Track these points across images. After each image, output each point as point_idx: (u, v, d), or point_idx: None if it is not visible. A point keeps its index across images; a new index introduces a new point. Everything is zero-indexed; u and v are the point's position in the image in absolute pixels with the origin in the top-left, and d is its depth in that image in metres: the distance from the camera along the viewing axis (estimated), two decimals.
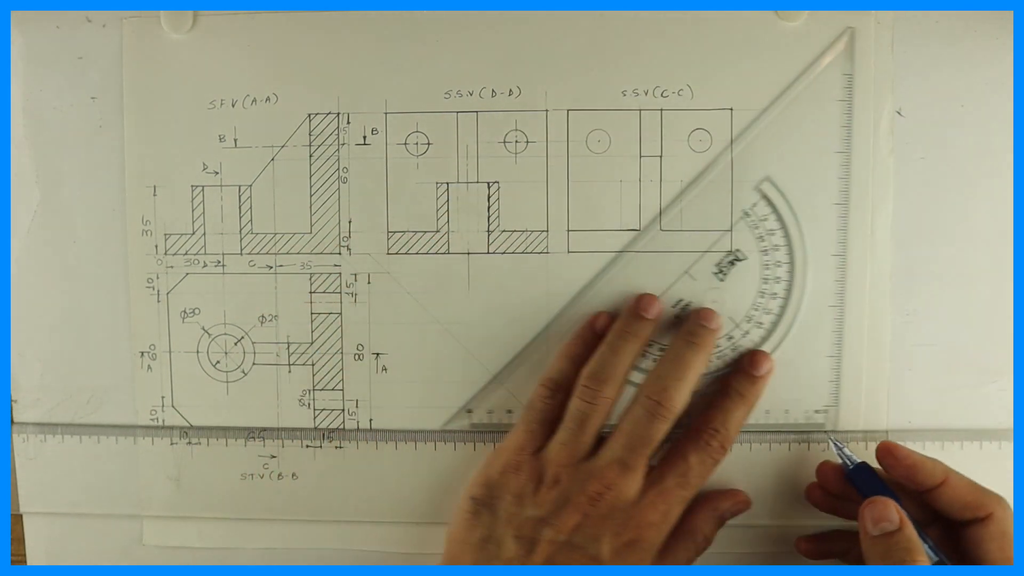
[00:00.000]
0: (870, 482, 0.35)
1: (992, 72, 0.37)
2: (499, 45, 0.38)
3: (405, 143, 0.38)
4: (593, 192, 0.38)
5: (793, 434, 0.38)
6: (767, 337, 0.38)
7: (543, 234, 0.38)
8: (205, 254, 0.39)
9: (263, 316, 0.39)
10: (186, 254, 0.39)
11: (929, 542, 0.33)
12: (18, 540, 0.41)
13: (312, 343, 0.39)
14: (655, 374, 0.36)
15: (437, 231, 0.39)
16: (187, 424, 0.40)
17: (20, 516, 0.41)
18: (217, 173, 0.39)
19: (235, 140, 0.39)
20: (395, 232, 0.39)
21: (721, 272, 0.38)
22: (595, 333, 0.37)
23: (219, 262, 0.39)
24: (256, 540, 0.41)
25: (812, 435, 0.38)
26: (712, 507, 0.37)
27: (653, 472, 0.35)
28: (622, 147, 0.38)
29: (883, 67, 0.37)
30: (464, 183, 0.38)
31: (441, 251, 0.39)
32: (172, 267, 0.39)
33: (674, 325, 0.38)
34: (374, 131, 0.38)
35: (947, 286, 0.38)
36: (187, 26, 0.38)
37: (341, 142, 0.39)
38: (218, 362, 0.40)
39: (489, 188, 0.38)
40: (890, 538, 0.32)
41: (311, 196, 0.39)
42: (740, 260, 0.38)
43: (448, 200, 0.38)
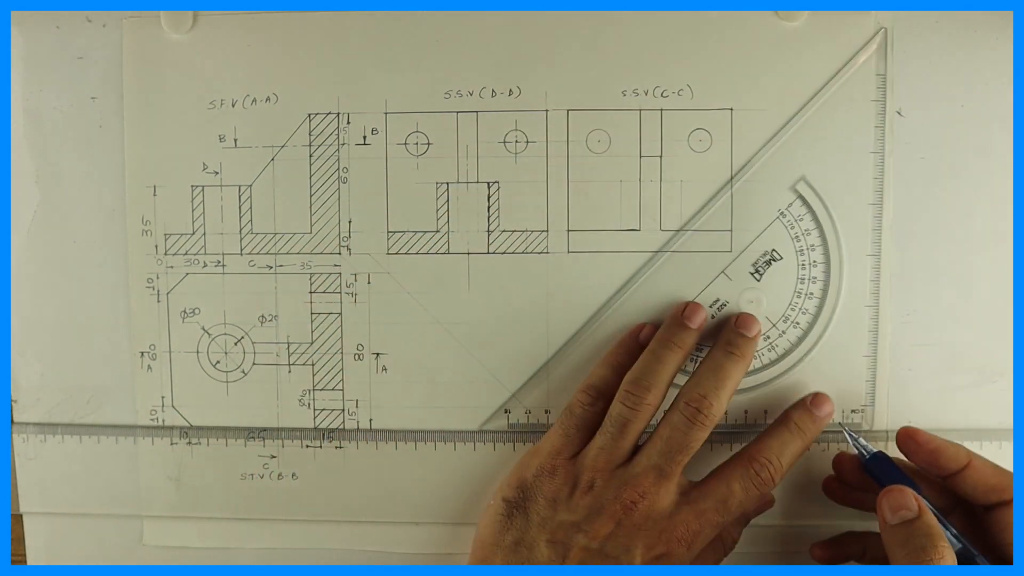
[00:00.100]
0: (888, 471, 0.34)
1: (992, 72, 0.37)
2: (499, 45, 0.38)
3: (405, 143, 0.38)
4: (593, 192, 0.38)
5: None
6: (803, 337, 0.38)
7: (543, 234, 0.38)
8: (205, 254, 0.39)
9: (263, 316, 0.39)
10: (186, 254, 0.39)
11: (952, 529, 0.33)
12: (18, 540, 0.41)
13: (312, 343, 0.39)
14: (694, 381, 0.35)
15: (437, 231, 0.39)
16: (187, 424, 0.40)
17: (20, 516, 0.41)
18: (217, 173, 0.39)
19: (235, 140, 0.39)
20: (395, 232, 0.39)
21: (757, 272, 0.38)
22: (638, 343, 0.37)
23: (219, 262, 0.39)
24: (256, 540, 0.41)
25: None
26: (743, 513, 0.36)
27: (693, 490, 0.35)
28: (622, 147, 0.38)
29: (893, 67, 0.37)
30: (464, 183, 0.38)
31: (441, 251, 0.39)
32: (172, 267, 0.39)
33: (712, 329, 0.38)
34: (374, 131, 0.38)
35: (947, 286, 0.38)
36: (187, 26, 0.38)
37: (341, 142, 0.39)
38: (218, 362, 0.40)
39: (489, 188, 0.38)
40: (909, 526, 0.31)
41: (311, 196, 0.39)
42: (776, 260, 0.38)
43: (448, 200, 0.38)
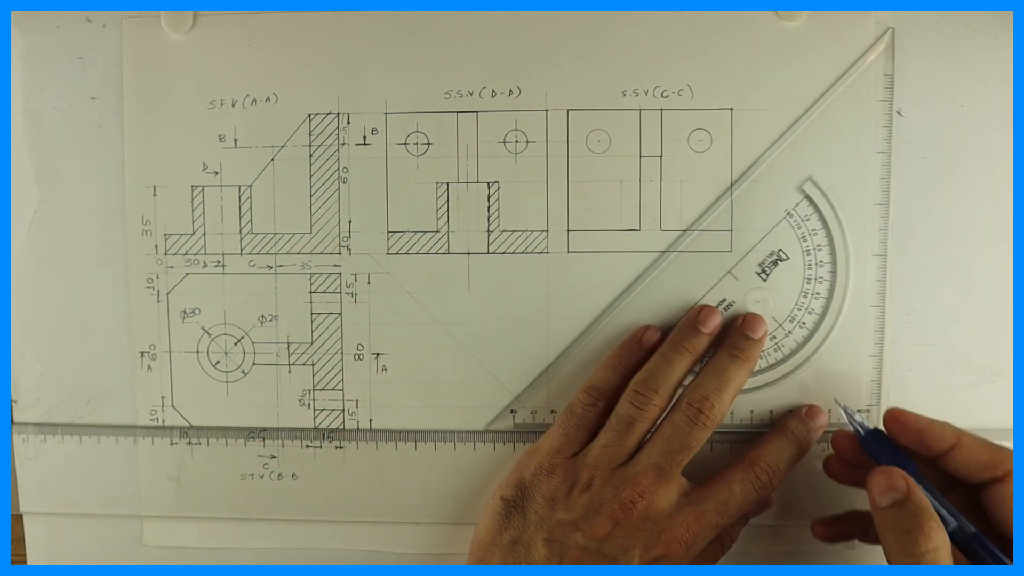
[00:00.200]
0: (884, 449, 0.34)
1: (992, 72, 0.37)
2: (499, 45, 0.38)
3: (405, 143, 0.38)
4: (593, 192, 0.38)
5: None
6: (810, 337, 0.38)
7: (543, 234, 0.38)
8: (205, 254, 0.39)
9: (263, 316, 0.39)
10: (186, 254, 0.39)
11: (947, 507, 0.32)
12: (18, 540, 0.41)
13: (312, 343, 0.39)
14: (698, 382, 0.36)
15: (437, 231, 0.39)
16: (187, 424, 0.40)
17: (20, 516, 0.41)
18: (217, 173, 0.39)
19: (235, 140, 0.39)
20: (395, 232, 0.39)
21: (764, 272, 0.38)
22: (641, 345, 0.37)
23: (219, 262, 0.39)
24: (256, 540, 0.41)
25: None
26: (742, 515, 0.36)
27: (693, 492, 0.35)
28: (622, 147, 0.38)
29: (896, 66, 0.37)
30: (464, 183, 0.38)
31: (441, 251, 0.39)
32: (172, 267, 0.39)
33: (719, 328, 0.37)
34: (374, 131, 0.38)
35: (947, 286, 0.38)
36: (187, 26, 0.38)
37: (341, 142, 0.38)
38: (218, 362, 0.40)
39: (489, 188, 0.38)
40: (899, 507, 0.31)
41: (311, 196, 0.39)
42: (783, 260, 0.38)
43: (448, 200, 0.38)
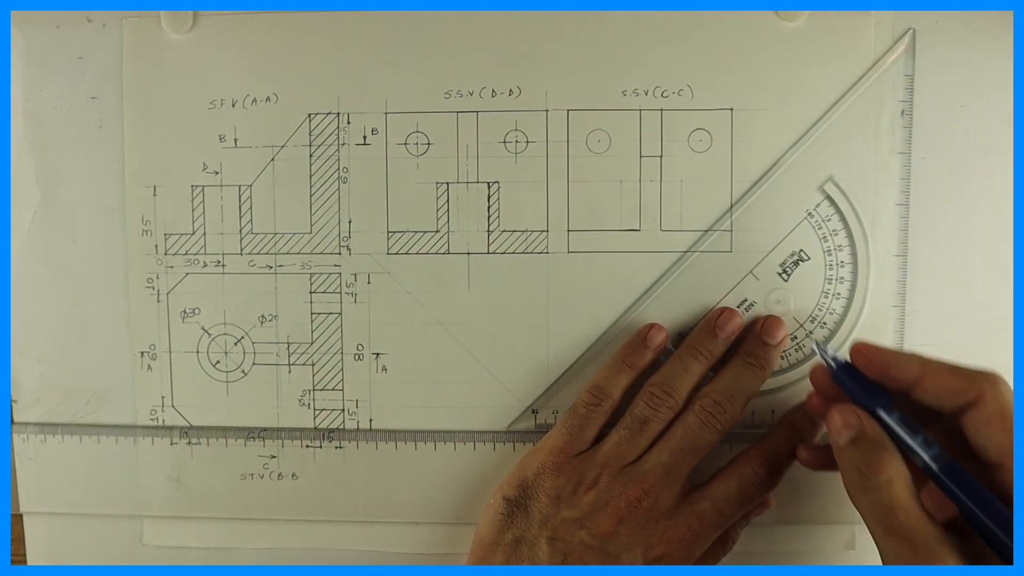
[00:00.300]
0: (856, 382, 0.32)
1: (992, 72, 0.37)
2: (499, 45, 0.38)
3: (405, 143, 0.38)
4: (593, 192, 0.38)
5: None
6: (831, 337, 0.38)
7: (543, 234, 0.38)
8: (205, 254, 0.39)
9: (263, 316, 0.39)
10: (186, 254, 0.39)
11: (919, 437, 0.30)
12: (18, 540, 0.41)
13: (312, 343, 0.39)
14: (711, 386, 0.36)
15: (437, 231, 0.39)
16: (187, 424, 0.40)
17: (20, 516, 0.41)
18: (217, 173, 0.39)
19: (235, 140, 0.39)
20: (395, 232, 0.39)
21: (785, 272, 0.38)
22: (645, 344, 0.37)
23: (219, 262, 0.39)
24: (256, 540, 0.41)
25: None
26: (743, 515, 0.36)
27: (694, 492, 0.35)
28: (622, 147, 0.38)
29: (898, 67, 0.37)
30: (464, 183, 0.38)
31: (441, 251, 0.39)
32: (172, 267, 0.39)
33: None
34: (374, 131, 0.38)
35: (947, 286, 0.38)
36: (187, 26, 0.38)
37: (341, 142, 0.38)
38: (218, 362, 0.40)
39: (489, 188, 0.38)
40: (856, 444, 0.30)
41: (311, 196, 0.39)
42: (804, 260, 0.38)
43: (448, 200, 0.38)
